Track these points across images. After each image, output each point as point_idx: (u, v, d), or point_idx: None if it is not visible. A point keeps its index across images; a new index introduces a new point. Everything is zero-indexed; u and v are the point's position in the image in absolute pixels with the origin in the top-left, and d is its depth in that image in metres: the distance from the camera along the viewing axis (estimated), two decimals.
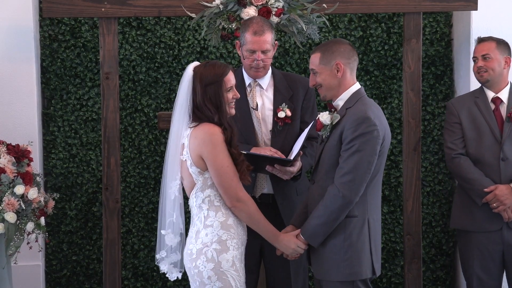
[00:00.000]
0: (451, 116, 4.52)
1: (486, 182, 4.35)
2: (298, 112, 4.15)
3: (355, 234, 3.58)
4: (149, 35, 5.33)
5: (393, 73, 5.40)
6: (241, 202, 3.54)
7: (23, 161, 4.33)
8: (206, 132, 3.50)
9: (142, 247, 5.36)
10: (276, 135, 4.13)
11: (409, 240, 4.81)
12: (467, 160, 4.42)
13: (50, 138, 5.30)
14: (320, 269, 3.66)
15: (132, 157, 5.36)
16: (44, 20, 5.23)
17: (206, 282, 3.51)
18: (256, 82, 4.19)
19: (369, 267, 3.59)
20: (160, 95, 5.34)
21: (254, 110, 4.15)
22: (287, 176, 4.00)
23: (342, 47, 3.65)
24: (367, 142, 3.50)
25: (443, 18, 5.40)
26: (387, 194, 5.42)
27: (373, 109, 3.58)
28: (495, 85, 4.47)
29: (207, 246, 3.51)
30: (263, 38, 4.07)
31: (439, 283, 5.44)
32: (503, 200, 4.29)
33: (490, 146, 4.39)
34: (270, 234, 3.65)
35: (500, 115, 4.44)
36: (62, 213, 5.32)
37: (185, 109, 3.56)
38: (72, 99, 5.31)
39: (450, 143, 4.47)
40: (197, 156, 3.51)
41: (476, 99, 4.49)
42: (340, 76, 3.63)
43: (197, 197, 3.56)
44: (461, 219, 4.49)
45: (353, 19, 5.38)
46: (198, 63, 3.62)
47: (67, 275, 5.34)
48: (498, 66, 4.45)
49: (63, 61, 5.28)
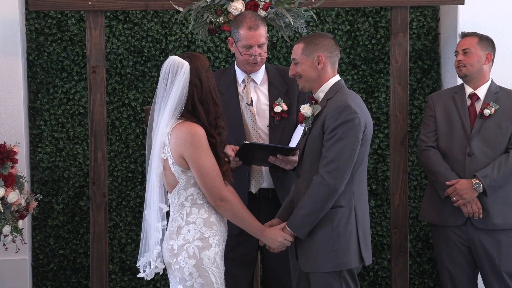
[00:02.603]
0: (428, 109, 4.58)
1: (451, 176, 4.37)
2: (294, 106, 4.12)
3: (342, 224, 3.59)
4: (136, 28, 5.31)
5: (380, 67, 5.41)
6: (225, 202, 3.51)
7: (6, 163, 4.29)
8: (188, 132, 3.44)
9: (129, 241, 5.35)
10: (274, 130, 4.11)
11: (396, 234, 4.83)
12: (437, 153, 4.45)
13: (37, 132, 5.29)
14: (308, 262, 3.67)
15: (119, 151, 5.34)
16: (30, 14, 5.22)
17: (187, 278, 3.48)
18: (250, 78, 4.17)
19: (356, 257, 3.62)
20: (147, 89, 5.33)
21: (249, 106, 4.12)
22: (290, 166, 3.97)
23: (326, 41, 3.71)
24: (349, 130, 3.53)
25: (430, 12, 5.41)
26: (374, 188, 5.44)
27: (353, 98, 3.63)
28: (474, 81, 4.48)
29: (189, 243, 3.48)
30: (258, 32, 4.06)
31: (426, 276, 5.47)
32: (462, 194, 4.30)
33: (459, 141, 4.41)
34: (256, 229, 3.65)
35: (474, 111, 4.45)
36: (49, 207, 5.30)
37: (179, 105, 3.48)
38: (59, 93, 5.29)
39: (423, 135, 4.53)
40: (179, 156, 3.46)
41: (454, 94, 4.52)
42: (320, 68, 3.68)
43: (179, 195, 3.52)
44: (428, 212, 4.54)
45: (340, 13, 5.38)
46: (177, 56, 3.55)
47: (54, 269, 5.34)
48: (478, 62, 4.44)
49: (49, 55, 5.27)
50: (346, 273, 3.62)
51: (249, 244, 4.06)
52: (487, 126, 4.39)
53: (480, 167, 4.34)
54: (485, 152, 4.37)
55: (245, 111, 4.12)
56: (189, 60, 3.49)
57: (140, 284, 5.36)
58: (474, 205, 4.31)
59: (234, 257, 4.05)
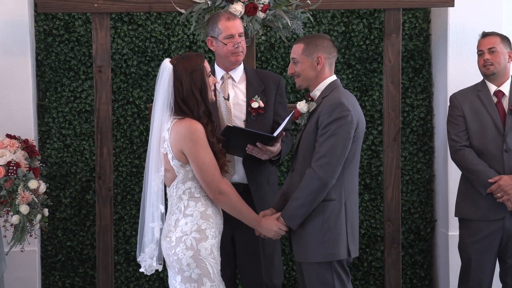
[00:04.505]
0: (455, 109, 4.48)
1: (491, 173, 4.32)
2: (270, 104, 4.12)
3: (333, 217, 3.61)
4: (140, 30, 5.31)
5: (374, 66, 5.41)
6: (223, 195, 3.54)
7: (34, 157, 4.38)
8: (188, 128, 3.47)
9: (133, 233, 5.34)
10: (250, 125, 4.10)
11: (389, 226, 4.84)
12: (471, 151, 4.39)
13: (45, 129, 5.29)
14: (300, 252, 3.69)
15: (124, 147, 5.34)
16: (39, 15, 5.20)
17: (185, 269, 3.50)
18: (229, 75, 4.16)
19: (345, 249, 3.63)
20: (151, 88, 5.30)
21: (225, 100, 4.11)
22: (266, 156, 3.93)
23: (325, 43, 3.72)
24: (342, 127, 3.55)
25: (422, 14, 5.39)
26: (368, 183, 5.43)
27: (347, 96, 3.65)
28: (498, 78, 4.45)
29: (186, 235, 3.50)
30: (237, 21, 4.09)
31: (417, 267, 5.47)
32: (507, 190, 4.27)
33: (493, 138, 4.36)
34: (252, 220, 3.67)
35: (502, 108, 4.42)
36: (57, 201, 5.30)
37: (166, 104, 3.52)
38: (66, 91, 5.28)
39: (454, 135, 4.45)
40: (178, 150, 3.49)
41: (478, 93, 4.46)
42: (319, 69, 3.69)
43: (177, 188, 3.55)
44: (465, 208, 4.46)
45: (336, 15, 5.37)
46: (169, 59, 3.61)
47: (62, 260, 5.33)
48: (504, 60, 4.44)
49: (57, 55, 5.26)
50: (337, 265, 3.64)
51: (223, 240, 3.86)
52: None
53: None
54: None
55: (222, 105, 4.10)
56: (175, 63, 3.54)
57: (144, 274, 5.15)
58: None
59: None
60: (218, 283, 3.55)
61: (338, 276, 3.64)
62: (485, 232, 4.37)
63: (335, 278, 3.63)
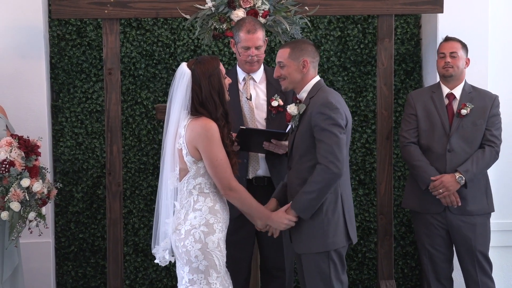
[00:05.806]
0: (409, 108, 4.58)
1: (430, 169, 4.43)
2: (289, 102, 4.14)
3: (331, 209, 3.68)
4: (148, 34, 5.33)
5: (368, 69, 5.42)
6: (233, 191, 3.56)
7: (31, 156, 4.28)
8: (203, 126, 3.48)
9: (142, 226, 5.38)
10: (270, 123, 4.16)
11: (381, 219, 4.87)
12: (417, 148, 4.49)
13: (59, 128, 5.30)
14: (300, 244, 3.75)
15: (133, 145, 5.36)
16: (53, 21, 5.22)
17: (193, 260, 3.52)
18: (250, 76, 4.23)
19: (344, 236, 3.69)
20: (158, 89, 5.35)
21: (248, 100, 4.17)
22: (282, 150, 4.01)
23: (310, 47, 3.79)
24: (335, 123, 3.62)
25: (413, 20, 5.41)
26: (362, 178, 5.44)
27: (333, 95, 3.72)
28: (454, 81, 4.52)
29: (195, 228, 3.52)
30: (256, 35, 4.13)
31: (408, 257, 5.49)
32: (449, 186, 4.36)
33: (440, 138, 4.45)
34: (262, 215, 3.69)
35: (452, 109, 4.50)
36: (70, 195, 5.32)
37: (183, 106, 3.53)
38: (78, 92, 5.30)
39: (404, 132, 4.55)
40: (193, 147, 3.50)
41: (432, 94, 4.54)
42: (305, 72, 3.75)
43: (188, 183, 3.56)
44: (410, 200, 4.59)
45: (332, 21, 5.39)
46: (185, 63, 3.60)
47: (74, 251, 5.35)
48: (462, 65, 4.51)
49: (70, 58, 5.28)
50: (334, 255, 3.69)
51: (247, 228, 4.08)
52: (464, 124, 4.43)
53: (459, 162, 4.41)
54: (463, 148, 4.43)
55: (245, 106, 4.18)
56: (193, 68, 3.53)
57: (152, 265, 5.34)
58: (452, 196, 4.39)
59: (234, 240, 4.06)
60: (224, 275, 3.59)
61: (334, 266, 3.70)
62: (432, 224, 4.48)
63: (331, 267, 3.69)
